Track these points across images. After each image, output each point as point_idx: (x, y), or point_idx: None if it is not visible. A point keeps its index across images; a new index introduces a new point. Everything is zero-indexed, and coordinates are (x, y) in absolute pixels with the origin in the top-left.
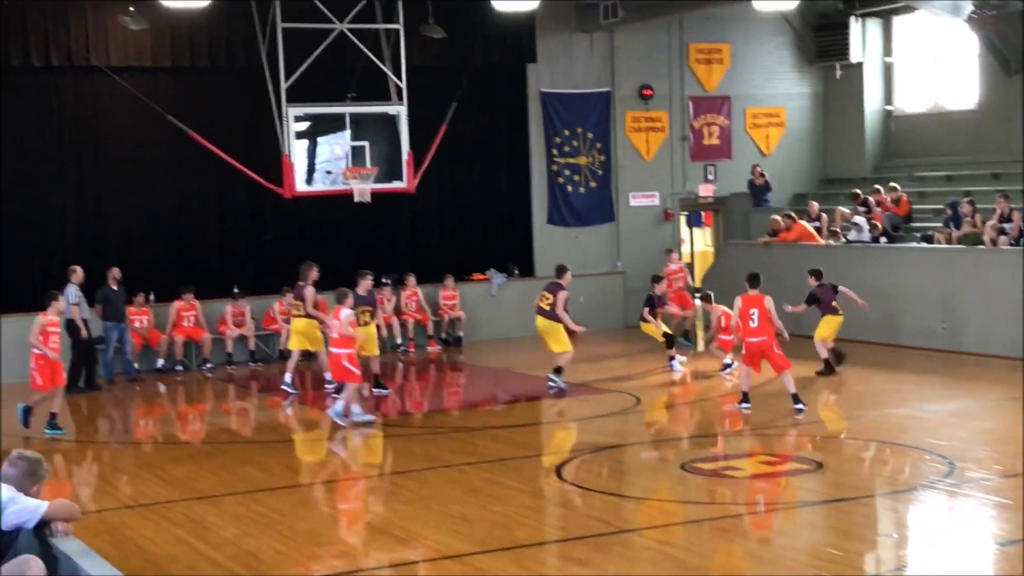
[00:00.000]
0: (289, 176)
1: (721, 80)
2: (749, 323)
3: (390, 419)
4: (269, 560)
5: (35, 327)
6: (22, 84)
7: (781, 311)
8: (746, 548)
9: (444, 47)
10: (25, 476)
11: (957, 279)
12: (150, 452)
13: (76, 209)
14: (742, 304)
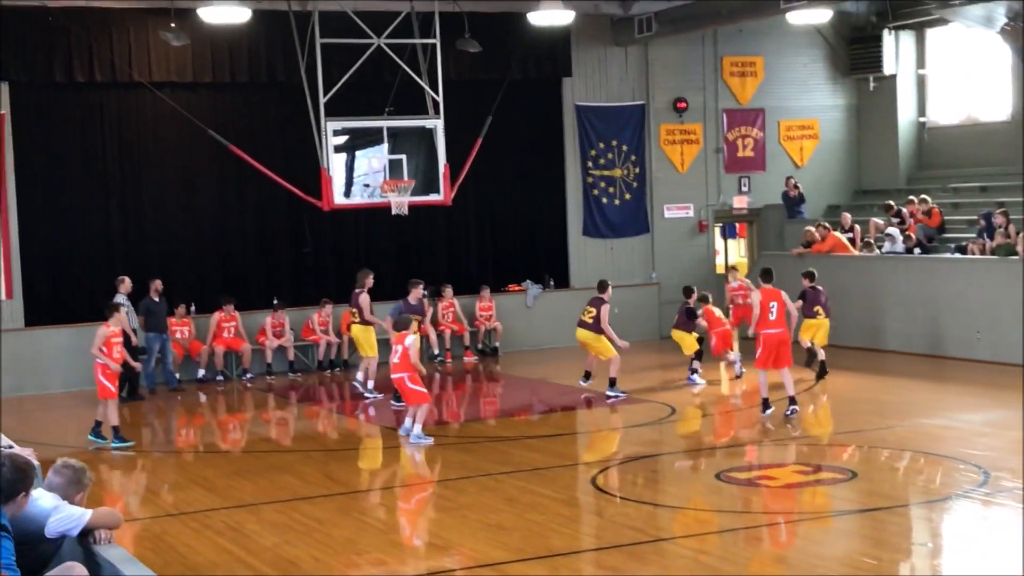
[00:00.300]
0: (328, 189)
1: (755, 92)
2: (768, 315)
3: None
4: (308, 568)
5: (97, 339)
6: (67, 100)
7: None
8: (781, 557)
9: (480, 61)
10: (70, 484)
11: (991, 290)
12: (191, 461)
13: (119, 222)
14: (762, 297)
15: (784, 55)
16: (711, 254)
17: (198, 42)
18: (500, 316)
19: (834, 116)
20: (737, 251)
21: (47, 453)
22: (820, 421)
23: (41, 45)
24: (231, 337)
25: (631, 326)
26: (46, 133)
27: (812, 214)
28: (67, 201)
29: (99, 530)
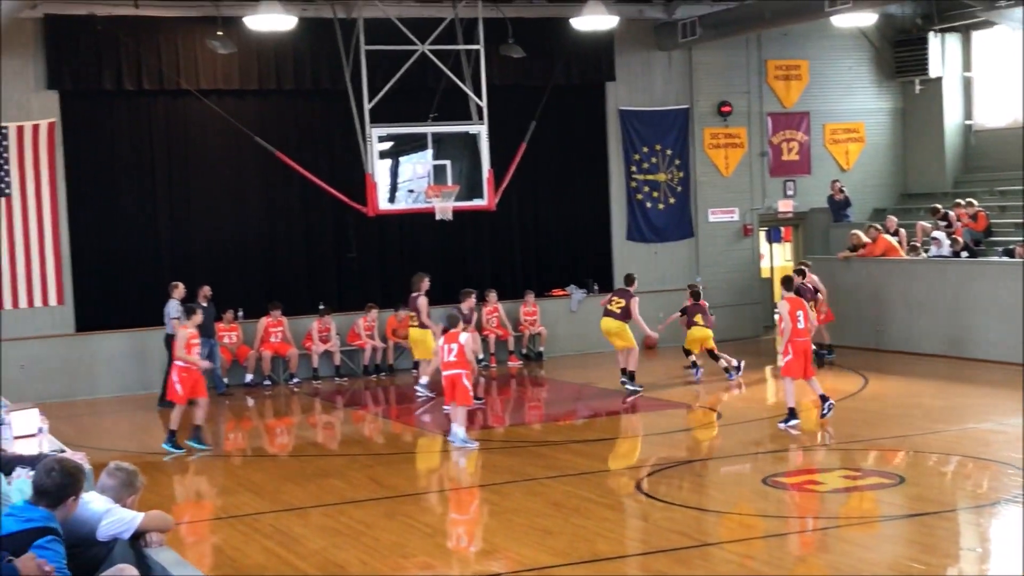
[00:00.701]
0: (373, 195)
1: (800, 96)
2: (797, 324)
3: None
4: (355, 571)
5: (180, 340)
6: (115, 108)
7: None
8: (828, 562)
9: (524, 66)
10: (122, 487)
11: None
12: (239, 465)
13: (167, 228)
14: (789, 307)
15: (829, 58)
16: (756, 258)
17: (245, 50)
18: (544, 321)
19: (880, 119)
20: (782, 255)
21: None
22: (867, 426)
23: (90, 54)
24: (278, 342)
25: (675, 331)
26: (95, 141)
27: (858, 218)
28: (116, 208)
29: (150, 533)
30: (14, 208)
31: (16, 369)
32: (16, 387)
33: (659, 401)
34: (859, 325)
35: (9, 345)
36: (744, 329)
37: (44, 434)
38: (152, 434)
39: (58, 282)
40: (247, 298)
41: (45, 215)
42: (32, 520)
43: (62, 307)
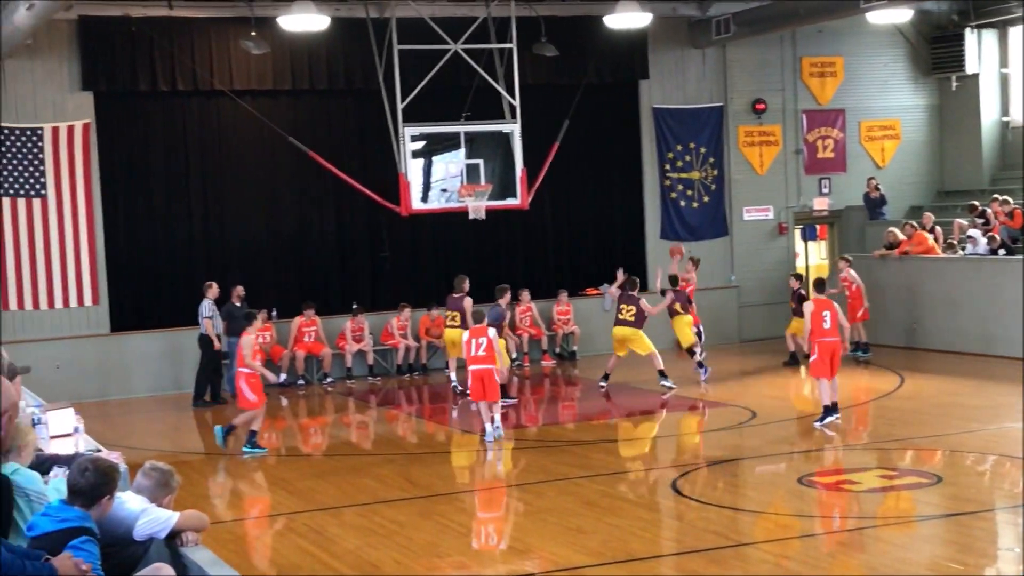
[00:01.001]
0: (406, 194)
1: (835, 93)
2: (823, 324)
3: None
4: (389, 571)
5: (247, 347)
6: (150, 108)
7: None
8: (864, 562)
9: (557, 65)
10: (158, 487)
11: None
12: (273, 464)
13: (201, 228)
14: (815, 307)
15: (864, 55)
16: (791, 256)
17: (278, 50)
18: (577, 320)
19: (916, 116)
20: (818, 253)
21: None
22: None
23: (124, 55)
24: (312, 342)
25: (710, 329)
26: (129, 142)
27: (894, 215)
28: (150, 208)
29: (186, 532)
30: (49, 209)
31: (52, 369)
32: (52, 387)
33: (693, 400)
34: (895, 323)
35: (45, 345)
36: (779, 328)
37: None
38: (186, 434)
39: (93, 283)
40: (281, 298)
41: (80, 216)
42: (67, 520)
43: (97, 307)
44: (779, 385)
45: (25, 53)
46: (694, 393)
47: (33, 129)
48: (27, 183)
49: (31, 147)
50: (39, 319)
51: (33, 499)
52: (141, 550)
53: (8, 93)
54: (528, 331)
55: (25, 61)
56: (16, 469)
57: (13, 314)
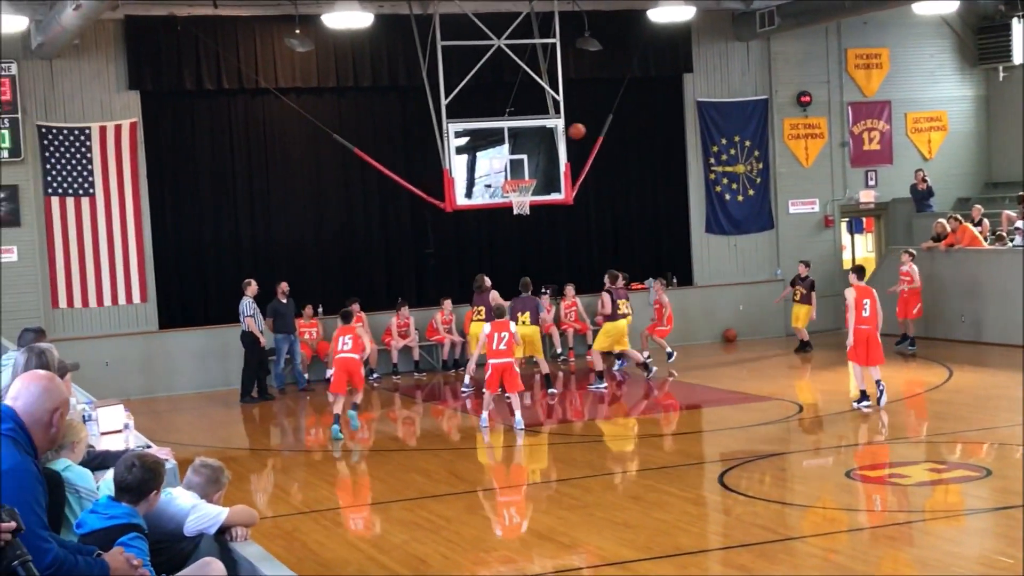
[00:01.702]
0: (450, 190)
1: (881, 85)
2: (862, 312)
3: (551, 427)
4: (437, 565)
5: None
6: (196, 107)
7: None
8: (913, 556)
9: (600, 59)
10: (208, 483)
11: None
12: (320, 460)
13: (247, 226)
14: (856, 294)
15: (910, 46)
16: (837, 250)
17: (322, 48)
18: None
19: (963, 107)
20: (864, 246)
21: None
22: (952, 418)
23: (170, 54)
24: None
25: (756, 324)
26: (176, 140)
27: (941, 207)
28: (197, 206)
29: (235, 527)
30: (97, 208)
31: (101, 366)
32: (101, 384)
33: (739, 394)
34: (943, 316)
35: (94, 343)
36: (826, 321)
37: (130, 430)
38: (233, 430)
39: (141, 280)
40: (326, 294)
41: (128, 214)
42: (115, 517)
43: (145, 305)
44: (826, 379)
45: (72, 53)
46: (740, 387)
47: (81, 128)
48: (75, 182)
49: (79, 146)
50: (88, 317)
51: (84, 496)
52: (191, 545)
53: (56, 93)
54: (573, 326)
55: (72, 61)
56: (68, 466)
57: (63, 312)
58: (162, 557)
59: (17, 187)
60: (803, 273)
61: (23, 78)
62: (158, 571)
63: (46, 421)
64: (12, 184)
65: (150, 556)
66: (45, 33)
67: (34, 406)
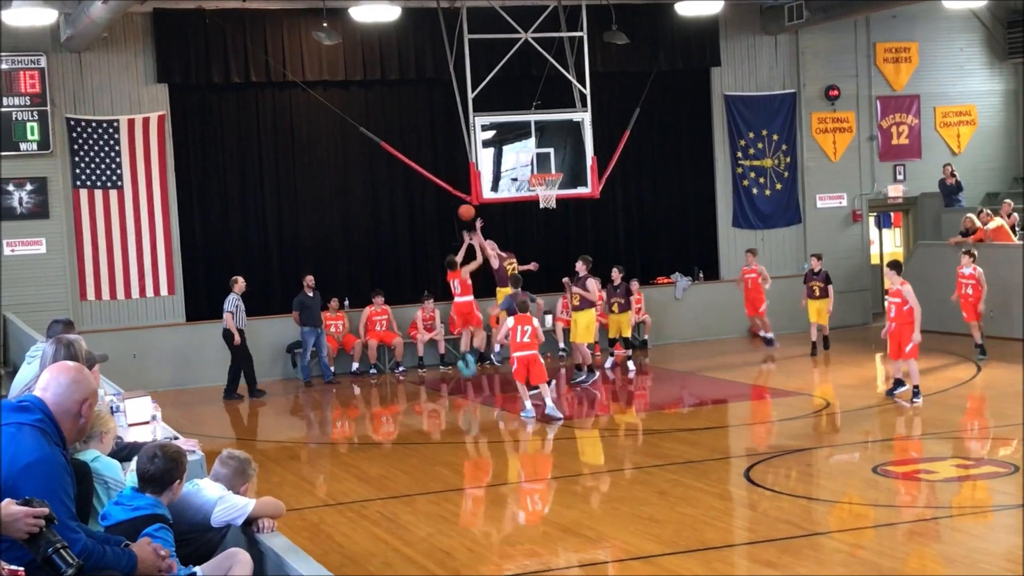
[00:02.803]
0: (476, 184)
1: (910, 79)
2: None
3: (576, 421)
4: (462, 558)
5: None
6: (224, 100)
7: None
8: (940, 552)
9: (628, 53)
10: (235, 475)
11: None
12: (346, 452)
13: (274, 218)
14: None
15: (939, 40)
16: (865, 244)
17: (349, 41)
18: (649, 309)
19: (992, 101)
20: (892, 241)
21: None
22: (979, 414)
23: (198, 47)
24: (383, 331)
25: (783, 318)
26: (204, 133)
27: (970, 202)
28: (224, 199)
29: (262, 519)
30: (126, 200)
31: (129, 358)
32: (128, 376)
33: (765, 389)
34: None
35: (121, 335)
36: (854, 317)
37: (157, 422)
38: (260, 422)
39: (168, 272)
40: (352, 287)
41: (156, 207)
42: (140, 508)
43: (172, 297)
44: (853, 374)
45: (101, 46)
46: (767, 382)
47: (109, 121)
48: (104, 174)
49: (107, 139)
50: (116, 309)
51: (112, 487)
52: (218, 536)
53: (85, 86)
54: (599, 320)
55: (101, 54)
56: (96, 456)
57: (90, 304)
58: (189, 548)
59: (46, 179)
60: (816, 267)
61: (52, 71)
62: (185, 562)
63: (75, 412)
64: (41, 176)
65: (177, 547)
66: (74, 26)
67: (63, 397)
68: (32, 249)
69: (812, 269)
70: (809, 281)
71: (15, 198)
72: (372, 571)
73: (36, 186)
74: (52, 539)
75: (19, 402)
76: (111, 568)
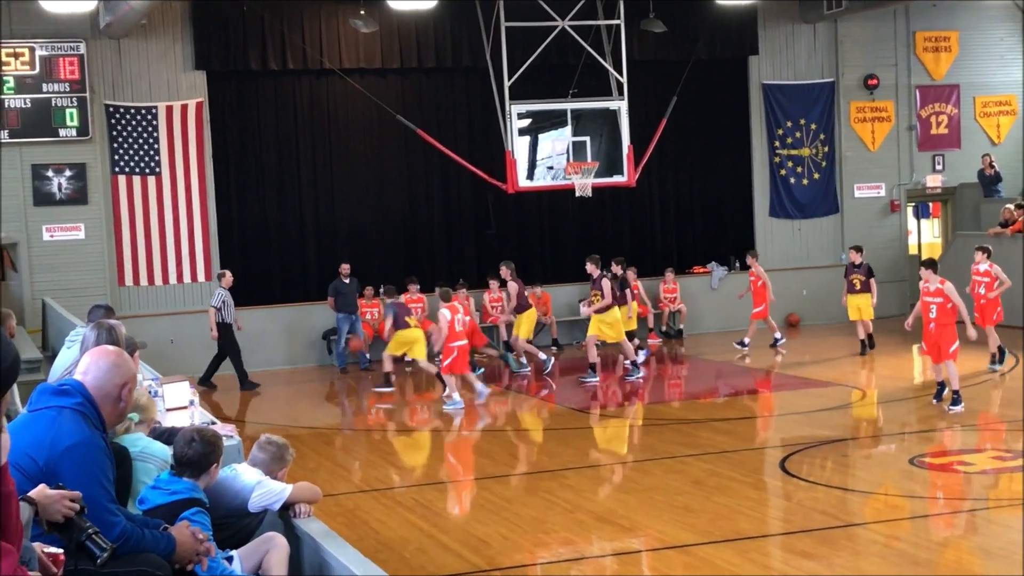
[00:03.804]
0: (512, 172)
1: (949, 68)
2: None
3: (611, 411)
4: (497, 545)
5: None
6: (261, 87)
7: None
8: (976, 544)
9: (665, 41)
10: (273, 460)
11: None
12: (381, 439)
13: (311, 205)
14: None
15: (980, 29)
16: (903, 234)
17: (386, 28)
18: (685, 298)
19: None
20: (931, 231)
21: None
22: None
23: (236, 34)
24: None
25: (819, 309)
26: (241, 120)
27: (1009, 192)
28: (260, 185)
29: (299, 504)
30: (164, 186)
31: (166, 343)
32: (166, 361)
33: (801, 379)
34: (1009, 302)
35: (159, 320)
36: (891, 307)
37: (195, 407)
38: (296, 407)
39: (205, 259)
40: (388, 275)
41: (193, 193)
42: (177, 492)
43: (209, 283)
44: (890, 364)
45: (140, 33)
46: (801, 372)
47: (148, 108)
48: (142, 161)
49: (146, 125)
50: (153, 294)
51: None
52: (255, 521)
53: (124, 72)
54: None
55: (140, 41)
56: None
57: (129, 289)
58: (226, 532)
59: (85, 165)
60: (856, 260)
61: (91, 58)
62: (222, 546)
63: (115, 396)
64: (80, 162)
65: (214, 531)
66: (113, 13)
67: (103, 380)
68: (71, 235)
69: (852, 262)
70: (850, 275)
71: (54, 184)
72: (407, 557)
73: (75, 172)
74: (84, 525)
75: (59, 386)
76: (150, 551)
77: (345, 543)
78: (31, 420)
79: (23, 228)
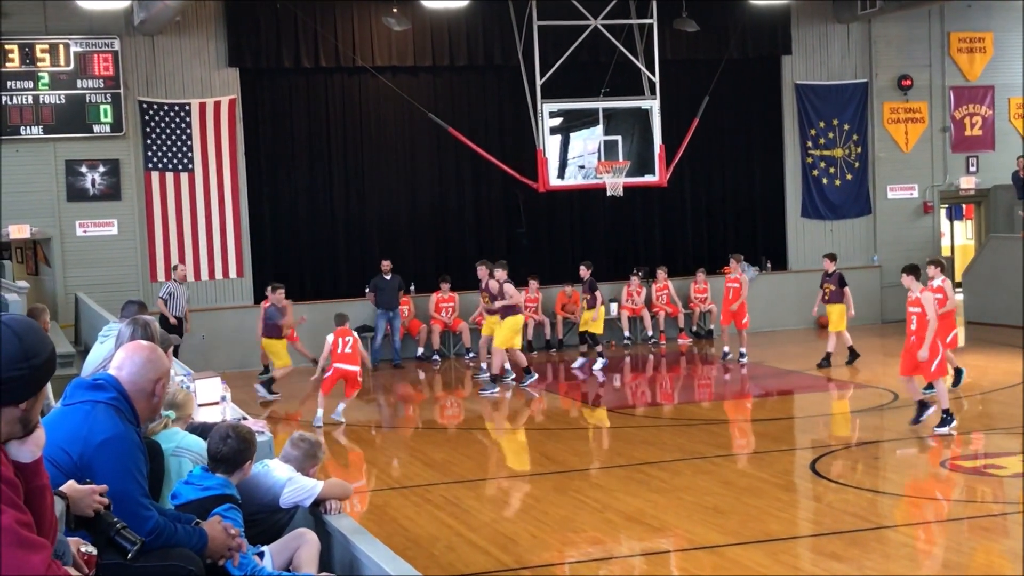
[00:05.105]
0: (543, 170)
1: (984, 69)
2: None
3: (641, 410)
4: (525, 544)
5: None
6: (294, 84)
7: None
8: (1008, 547)
9: (697, 40)
10: (306, 457)
11: None
12: (411, 437)
13: (342, 203)
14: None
15: (1015, 30)
16: (936, 236)
17: (418, 27)
18: (715, 298)
19: None
20: (964, 234)
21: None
22: None
23: (269, 32)
24: (450, 317)
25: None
26: (273, 117)
27: None
28: (292, 183)
29: (330, 501)
30: (196, 183)
31: (197, 339)
32: (198, 356)
33: (832, 381)
34: (1009, 303)
35: (191, 316)
36: None
37: (227, 402)
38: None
39: (237, 255)
40: (418, 272)
41: (225, 190)
42: (210, 488)
43: (241, 279)
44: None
45: (174, 30)
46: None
47: (181, 104)
48: (175, 157)
49: (179, 122)
50: (188, 290)
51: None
52: (287, 517)
53: (157, 69)
54: (664, 309)
55: (174, 38)
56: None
57: (162, 285)
58: (258, 528)
59: (118, 161)
60: (829, 268)
61: (125, 54)
62: (253, 541)
63: (149, 391)
64: (113, 158)
65: (246, 527)
66: (147, 10)
67: (137, 375)
68: (104, 230)
69: (826, 271)
70: (823, 283)
71: (88, 180)
72: (436, 554)
73: (109, 168)
74: (111, 521)
75: (93, 380)
76: (182, 546)
77: (375, 540)
78: (65, 414)
79: (56, 223)
